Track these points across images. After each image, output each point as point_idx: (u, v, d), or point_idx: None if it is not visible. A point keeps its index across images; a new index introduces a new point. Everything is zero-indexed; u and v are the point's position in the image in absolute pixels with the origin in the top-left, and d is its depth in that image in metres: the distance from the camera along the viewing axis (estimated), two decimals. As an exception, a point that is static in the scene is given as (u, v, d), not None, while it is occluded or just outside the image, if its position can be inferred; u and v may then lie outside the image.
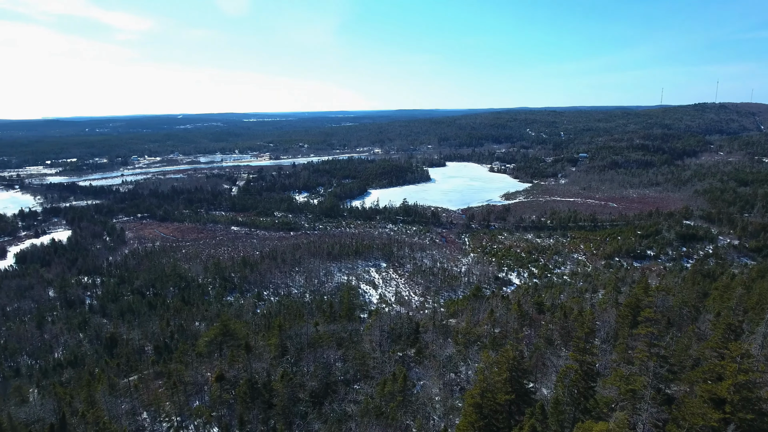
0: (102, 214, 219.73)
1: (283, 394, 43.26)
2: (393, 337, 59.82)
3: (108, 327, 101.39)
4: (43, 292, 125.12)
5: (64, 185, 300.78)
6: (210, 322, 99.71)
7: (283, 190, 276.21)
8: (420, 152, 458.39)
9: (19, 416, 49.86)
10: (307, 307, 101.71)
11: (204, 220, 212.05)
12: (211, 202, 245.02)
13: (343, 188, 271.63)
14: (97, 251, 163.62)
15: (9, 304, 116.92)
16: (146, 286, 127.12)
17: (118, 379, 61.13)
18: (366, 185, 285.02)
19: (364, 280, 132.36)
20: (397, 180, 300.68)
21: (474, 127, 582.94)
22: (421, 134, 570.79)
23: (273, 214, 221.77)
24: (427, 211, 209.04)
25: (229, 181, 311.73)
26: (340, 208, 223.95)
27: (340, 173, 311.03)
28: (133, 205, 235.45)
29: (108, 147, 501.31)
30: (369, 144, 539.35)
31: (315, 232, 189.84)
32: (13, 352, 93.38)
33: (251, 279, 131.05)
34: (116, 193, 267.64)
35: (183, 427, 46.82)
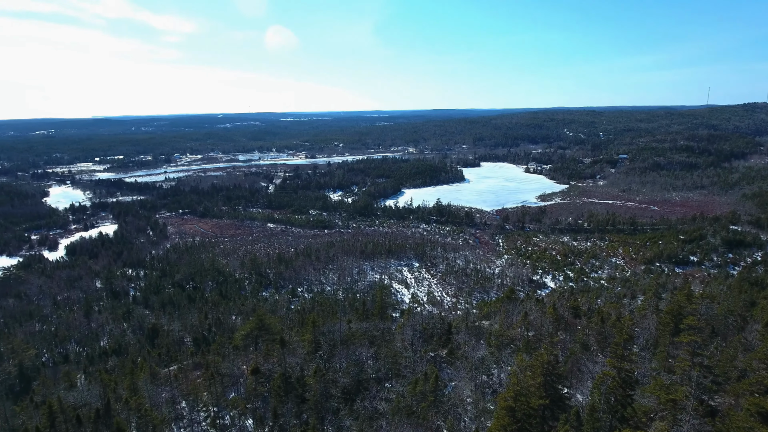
0: (146, 210, 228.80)
1: (315, 389, 44.05)
2: (425, 336, 59.83)
3: (150, 318, 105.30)
4: (91, 283, 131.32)
5: (111, 181, 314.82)
6: (246, 316, 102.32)
7: (318, 188, 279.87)
8: (454, 152, 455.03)
9: (68, 400, 52.44)
10: (340, 304, 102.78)
11: (242, 216, 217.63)
12: (248, 199, 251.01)
13: (377, 187, 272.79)
14: (141, 245, 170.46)
15: (60, 294, 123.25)
16: (186, 279, 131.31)
17: (159, 369, 63.70)
18: (400, 185, 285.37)
19: (396, 279, 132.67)
20: (431, 180, 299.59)
21: (510, 127, 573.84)
22: (455, 134, 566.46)
23: (308, 212, 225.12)
24: (460, 212, 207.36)
25: (266, 179, 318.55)
26: (374, 207, 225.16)
27: (374, 172, 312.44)
28: (175, 201, 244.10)
29: (152, 145, 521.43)
30: (403, 144, 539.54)
31: (349, 231, 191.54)
32: (62, 339, 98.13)
33: (286, 275, 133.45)
34: (159, 190, 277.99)
35: (219, 417, 48.31)
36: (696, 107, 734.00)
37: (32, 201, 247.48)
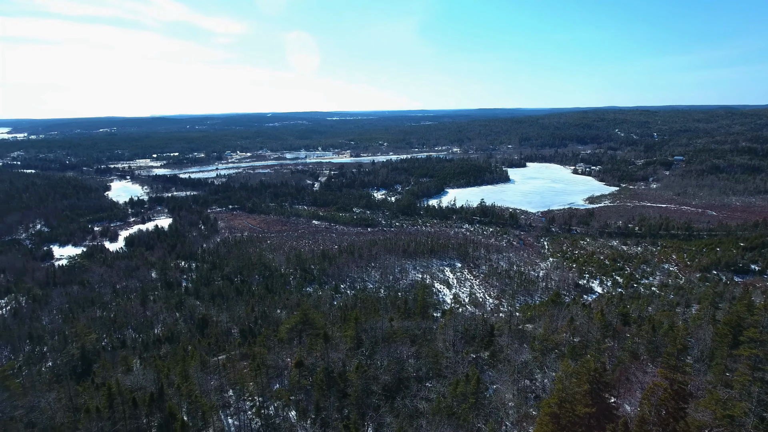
0: (198, 205, 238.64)
1: (357, 385, 44.78)
2: (467, 338, 59.46)
3: (200, 309, 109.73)
4: (147, 273, 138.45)
5: (167, 177, 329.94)
6: (290, 310, 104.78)
7: (362, 186, 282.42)
8: (499, 152, 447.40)
9: (125, 383, 55.48)
10: (382, 302, 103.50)
11: (288, 213, 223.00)
12: (294, 196, 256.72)
13: (421, 187, 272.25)
14: (193, 238, 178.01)
15: (119, 282, 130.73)
16: (234, 273, 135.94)
17: (208, 358, 66.40)
18: (443, 184, 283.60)
19: (438, 279, 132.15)
20: (475, 180, 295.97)
21: (557, 126, 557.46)
22: (501, 134, 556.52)
23: (352, 209, 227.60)
24: (504, 213, 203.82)
25: (311, 176, 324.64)
26: (417, 207, 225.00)
27: (418, 172, 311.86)
28: (226, 197, 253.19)
29: (205, 143, 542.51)
30: (448, 143, 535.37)
31: (391, 229, 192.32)
32: (120, 325, 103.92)
33: (329, 272, 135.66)
34: (211, 186, 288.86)
35: (264, 407, 49.89)
36: (759, 107, 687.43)
37: (96, 194, 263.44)
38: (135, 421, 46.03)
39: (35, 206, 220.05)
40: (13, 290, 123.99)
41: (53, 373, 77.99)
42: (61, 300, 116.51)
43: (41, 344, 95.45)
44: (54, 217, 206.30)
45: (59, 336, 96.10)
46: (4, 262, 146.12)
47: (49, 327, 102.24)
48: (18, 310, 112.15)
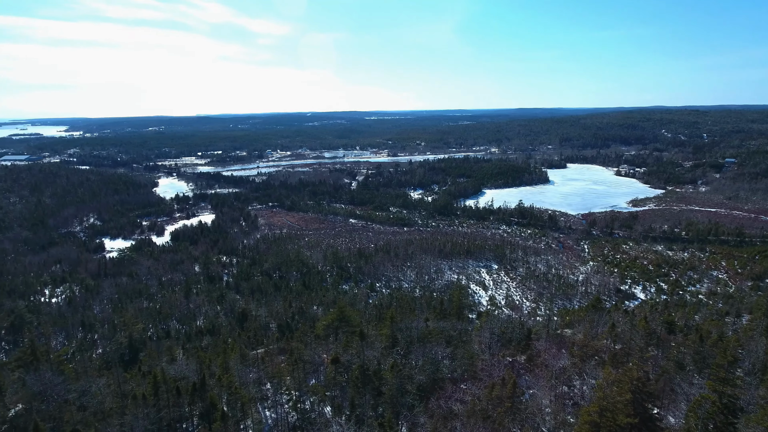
0: (240, 202, 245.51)
1: (392, 383, 45.08)
2: (503, 341, 58.75)
3: (240, 303, 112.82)
4: (191, 267, 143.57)
5: (210, 174, 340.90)
6: (326, 307, 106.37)
7: (399, 186, 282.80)
8: (539, 153, 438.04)
9: (170, 372, 57.67)
10: (417, 302, 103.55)
11: (325, 211, 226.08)
12: (332, 194, 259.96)
13: (458, 187, 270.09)
14: (235, 234, 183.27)
15: (164, 275, 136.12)
16: (273, 269, 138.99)
17: (247, 351, 68.34)
18: (481, 185, 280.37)
19: (474, 280, 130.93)
20: (513, 181, 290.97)
21: (600, 127, 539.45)
22: (541, 134, 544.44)
23: (388, 209, 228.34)
24: (543, 214, 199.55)
25: (349, 175, 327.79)
26: (454, 207, 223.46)
27: (455, 172, 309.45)
28: (266, 195, 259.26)
29: (247, 141, 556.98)
30: (486, 143, 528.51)
31: (428, 229, 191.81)
32: (165, 316, 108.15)
33: (365, 270, 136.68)
34: (252, 183, 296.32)
35: (301, 401, 50.90)
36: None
37: (144, 190, 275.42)
38: (178, 409, 47.97)
39: (89, 201, 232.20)
40: (68, 280, 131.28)
41: (103, 360, 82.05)
42: (111, 290, 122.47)
43: (92, 332, 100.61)
44: (106, 211, 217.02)
45: (109, 325, 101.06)
46: (60, 253, 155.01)
47: (99, 316, 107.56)
48: (72, 298, 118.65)
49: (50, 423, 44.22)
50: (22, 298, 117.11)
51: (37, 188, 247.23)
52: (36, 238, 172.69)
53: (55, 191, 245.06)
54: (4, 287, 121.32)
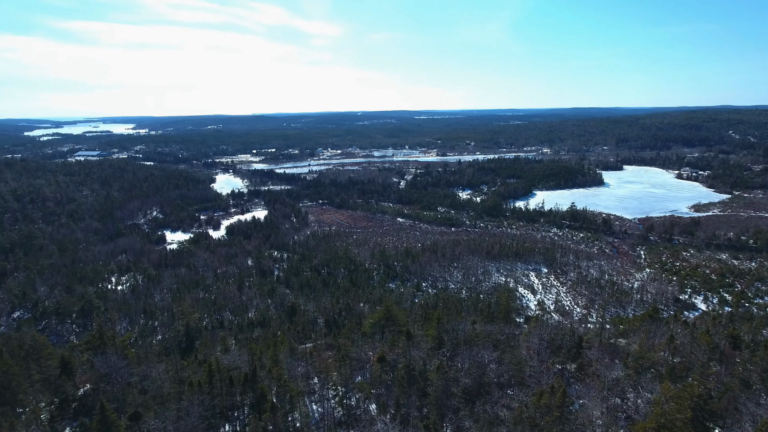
0: (291, 198, 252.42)
1: (437, 385, 45.09)
2: (552, 347, 57.22)
3: (290, 297, 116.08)
4: (244, 261, 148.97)
5: (264, 171, 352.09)
6: (373, 305, 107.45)
7: (447, 186, 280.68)
8: (593, 153, 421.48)
9: (223, 361, 60.10)
10: (463, 303, 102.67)
11: (374, 210, 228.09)
12: (381, 193, 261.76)
13: (507, 188, 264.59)
14: (286, 230, 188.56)
15: (219, 267, 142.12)
16: (322, 265, 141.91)
17: (296, 345, 70.22)
18: (531, 186, 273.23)
19: (522, 284, 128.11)
20: (566, 182, 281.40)
21: (660, 127, 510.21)
22: (596, 134, 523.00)
23: (436, 208, 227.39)
24: (597, 218, 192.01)
25: (398, 174, 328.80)
26: (503, 208, 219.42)
27: (505, 172, 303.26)
28: (316, 192, 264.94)
29: (299, 140, 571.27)
30: (537, 143, 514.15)
31: (476, 230, 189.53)
32: (219, 307, 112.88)
33: (412, 269, 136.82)
34: (303, 181, 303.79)
35: (347, 397, 51.91)
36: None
37: (203, 186, 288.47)
38: (230, 398, 50.11)
39: (152, 195, 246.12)
40: (132, 269, 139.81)
41: (162, 346, 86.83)
42: (170, 280, 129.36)
43: (153, 319, 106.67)
44: (168, 205, 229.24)
45: (168, 313, 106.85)
46: (126, 243, 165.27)
47: (160, 304, 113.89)
48: (136, 286, 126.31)
49: (114, 404, 47.08)
50: (91, 284, 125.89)
51: (107, 182, 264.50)
52: (105, 229, 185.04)
53: (122, 185, 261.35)
54: (77, 274, 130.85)
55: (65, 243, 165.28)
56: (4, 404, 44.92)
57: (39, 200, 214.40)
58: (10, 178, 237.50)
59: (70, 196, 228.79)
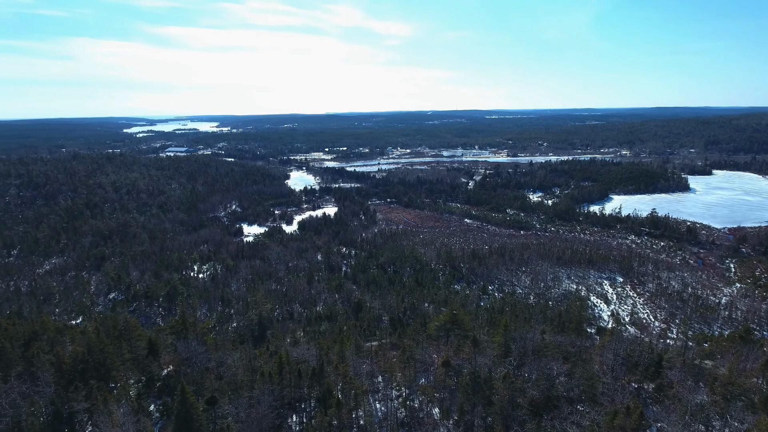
0: (360, 196, 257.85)
1: (503, 395, 44.31)
2: (628, 364, 54.11)
3: (356, 293, 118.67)
4: (314, 255, 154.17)
5: (335, 169, 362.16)
6: (437, 305, 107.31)
7: (517, 187, 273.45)
8: (678, 157, 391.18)
9: (293, 354, 62.15)
10: (531, 309, 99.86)
11: (441, 210, 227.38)
12: (448, 193, 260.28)
13: (581, 191, 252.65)
14: (354, 227, 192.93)
15: (291, 261, 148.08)
16: (388, 263, 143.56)
17: (362, 342, 71.68)
18: (607, 190, 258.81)
19: (595, 292, 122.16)
20: (646, 187, 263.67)
21: (757, 129, 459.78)
22: (682, 136, 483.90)
23: (505, 210, 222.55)
24: (680, 226, 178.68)
25: (466, 175, 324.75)
26: (576, 212, 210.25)
27: (579, 175, 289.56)
28: (385, 191, 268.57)
29: (370, 139, 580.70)
30: (616, 145, 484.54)
31: (546, 234, 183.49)
32: (290, 299, 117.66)
33: (478, 272, 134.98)
34: (372, 179, 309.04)
35: (410, 399, 52.32)
36: None
37: (278, 182, 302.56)
38: (299, 390, 52.14)
39: (232, 189, 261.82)
40: (212, 259, 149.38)
41: (236, 334, 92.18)
42: (246, 271, 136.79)
43: (229, 307, 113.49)
44: (245, 199, 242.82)
45: (243, 302, 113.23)
46: (207, 234, 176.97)
47: (236, 293, 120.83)
48: (215, 275, 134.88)
49: (193, 386, 50.25)
50: (176, 271, 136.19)
51: (193, 177, 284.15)
52: (189, 220, 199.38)
53: (206, 180, 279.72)
54: (164, 261, 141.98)
55: (155, 232, 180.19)
56: (100, 379, 49.54)
57: (134, 192, 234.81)
58: (110, 171, 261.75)
59: (161, 188, 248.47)
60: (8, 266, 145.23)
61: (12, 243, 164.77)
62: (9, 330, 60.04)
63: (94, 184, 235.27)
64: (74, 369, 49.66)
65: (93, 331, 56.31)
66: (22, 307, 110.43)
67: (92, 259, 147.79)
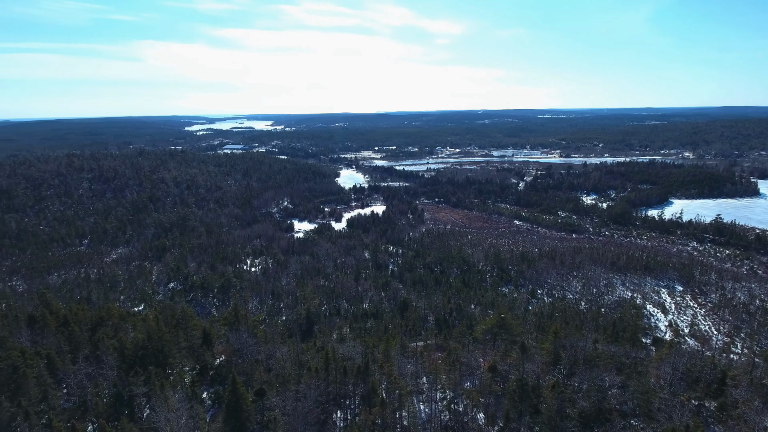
0: (408, 195, 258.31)
1: (551, 404, 43.31)
2: (688, 379, 51.38)
3: (402, 292, 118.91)
4: (361, 253, 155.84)
5: (384, 168, 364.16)
6: (484, 307, 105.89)
7: (570, 189, 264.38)
8: (747, 159, 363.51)
9: (339, 351, 62.52)
10: (582, 316, 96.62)
11: (490, 210, 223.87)
12: (498, 194, 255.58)
13: (639, 194, 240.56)
14: (402, 226, 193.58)
15: (339, 258, 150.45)
16: (435, 263, 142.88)
17: (407, 341, 71.92)
18: (667, 193, 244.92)
19: (651, 301, 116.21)
20: (710, 191, 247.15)
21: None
22: (752, 137, 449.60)
23: (556, 213, 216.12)
24: (749, 233, 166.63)
25: (517, 175, 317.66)
26: (632, 216, 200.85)
27: (637, 177, 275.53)
28: (433, 190, 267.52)
29: (419, 138, 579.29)
30: (677, 146, 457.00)
31: (599, 238, 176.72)
32: (337, 295, 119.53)
33: (527, 275, 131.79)
34: (421, 179, 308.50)
35: (454, 402, 52.03)
36: None
37: (328, 180, 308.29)
38: (344, 387, 53.09)
39: (284, 186, 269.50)
40: (264, 253, 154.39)
41: (285, 327, 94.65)
42: (296, 266, 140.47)
43: (279, 300, 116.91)
44: (297, 196, 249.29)
45: (292, 296, 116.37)
46: (260, 230, 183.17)
47: (285, 287, 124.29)
48: (266, 269, 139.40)
49: (243, 377, 52.23)
50: (230, 264, 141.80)
51: (247, 173, 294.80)
52: (244, 215, 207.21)
53: (260, 176, 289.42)
54: (219, 254, 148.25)
55: (212, 226, 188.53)
56: (158, 365, 52.53)
57: (193, 187, 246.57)
58: (172, 167, 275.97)
59: (218, 184, 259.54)
60: (80, 254, 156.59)
61: (83, 233, 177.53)
62: (79, 315, 64.89)
63: (158, 179, 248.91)
64: (135, 354, 52.87)
65: (153, 320, 59.68)
66: (91, 293, 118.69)
67: (154, 250, 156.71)
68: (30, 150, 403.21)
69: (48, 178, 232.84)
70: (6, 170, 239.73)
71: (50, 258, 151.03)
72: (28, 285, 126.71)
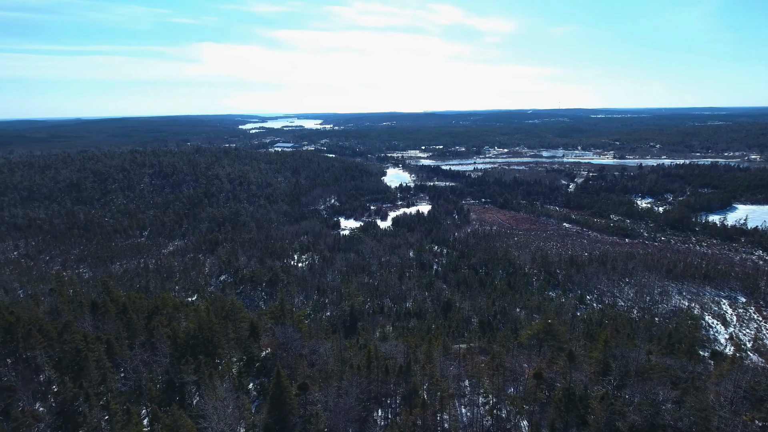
0: (455, 195, 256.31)
1: (600, 416, 41.81)
2: (752, 398, 48.14)
3: (446, 292, 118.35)
4: (406, 252, 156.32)
5: (430, 167, 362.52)
6: (530, 311, 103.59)
7: (623, 192, 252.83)
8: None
9: (381, 349, 62.98)
10: (634, 325, 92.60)
11: (538, 212, 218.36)
12: (547, 195, 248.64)
13: (699, 198, 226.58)
14: (447, 226, 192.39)
15: (384, 256, 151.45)
16: (480, 264, 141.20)
17: (450, 343, 71.40)
18: (731, 198, 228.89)
19: (710, 312, 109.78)
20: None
21: None
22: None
23: (608, 216, 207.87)
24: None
25: (567, 177, 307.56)
26: (692, 221, 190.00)
27: (698, 180, 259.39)
28: (479, 191, 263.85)
29: (467, 137, 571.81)
30: (743, 148, 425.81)
31: (655, 244, 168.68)
32: (381, 293, 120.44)
33: (576, 279, 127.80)
34: (467, 179, 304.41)
35: (497, 408, 51.14)
36: None
37: (374, 179, 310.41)
38: (385, 386, 53.32)
39: (332, 184, 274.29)
40: (311, 249, 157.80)
41: (329, 323, 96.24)
42: (341, 263, 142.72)
43: (324, 296, 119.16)
44: (343, 194, 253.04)
45: (337, 292, 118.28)
46: (307, 226, 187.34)
47: (331, 283, 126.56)
48: (313, 265, 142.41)
49: (287, 371, 53.45)
50: (278, 259, 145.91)
51: (297, 171, 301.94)
52: (292, 212, 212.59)
53: (308, 174, 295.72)
54: (268, 249, 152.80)
55: (262, 221, 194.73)
56: (207, 355, 54.65)
57: (245, 183, 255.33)
58: (226, 164, 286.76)
59: (268, 181, 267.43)
60: (140, 245, 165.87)
61: (144, 225, 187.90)
62: (136, 303, 68.74)
63: (212, 175, 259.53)
64: (186, 343, 55.33)
65: (204, 310, 62.27)
66: (149, 283, 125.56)
67: (207, 243, 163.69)
68: (98, 146, 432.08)
69: (113, 172, 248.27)
70: (76, 165, 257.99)
71: (113, 248, 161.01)
72: (93, 273, 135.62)
